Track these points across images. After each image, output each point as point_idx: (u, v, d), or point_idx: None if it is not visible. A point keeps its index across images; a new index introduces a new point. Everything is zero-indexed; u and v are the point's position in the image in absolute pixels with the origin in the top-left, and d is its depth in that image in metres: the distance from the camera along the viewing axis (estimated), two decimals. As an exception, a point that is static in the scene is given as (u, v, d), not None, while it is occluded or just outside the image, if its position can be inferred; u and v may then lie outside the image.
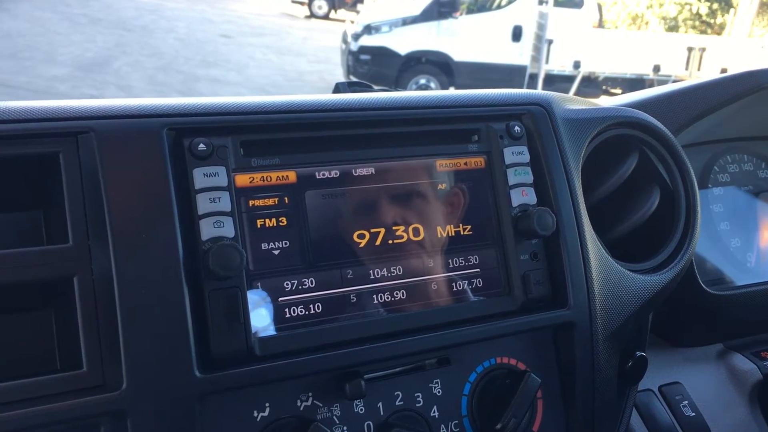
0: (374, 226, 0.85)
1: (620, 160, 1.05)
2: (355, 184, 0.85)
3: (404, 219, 0.87)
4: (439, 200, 0.90)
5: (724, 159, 1.38)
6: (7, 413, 0.65)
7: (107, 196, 0.72)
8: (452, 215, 0.90)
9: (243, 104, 0.82)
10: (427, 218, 0.88)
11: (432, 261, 0.88)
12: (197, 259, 0.75)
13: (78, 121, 0.74)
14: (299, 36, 16.22)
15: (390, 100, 0.90)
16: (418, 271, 0.87)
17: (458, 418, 0.89)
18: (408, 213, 0.87)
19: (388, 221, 0.86)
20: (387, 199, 0.87)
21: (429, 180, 0.89)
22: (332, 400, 0.82)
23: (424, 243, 0.88)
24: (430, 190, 0.89)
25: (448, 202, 0.90)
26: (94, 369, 0.70)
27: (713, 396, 1.24)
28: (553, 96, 1.01)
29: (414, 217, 0.88)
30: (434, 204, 0.89)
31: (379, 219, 0.86)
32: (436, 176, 0.90)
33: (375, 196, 0.86)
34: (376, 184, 0.86)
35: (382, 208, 0.86)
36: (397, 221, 0.86)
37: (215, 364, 0.74)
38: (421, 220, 0.88)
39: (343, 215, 0.84)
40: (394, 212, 0.86)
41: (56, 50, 10.59)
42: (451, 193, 0.91)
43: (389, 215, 0.86)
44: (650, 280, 0.99)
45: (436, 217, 0.89)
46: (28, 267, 0.69)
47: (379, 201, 0.86)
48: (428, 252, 0.88)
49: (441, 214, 0.89)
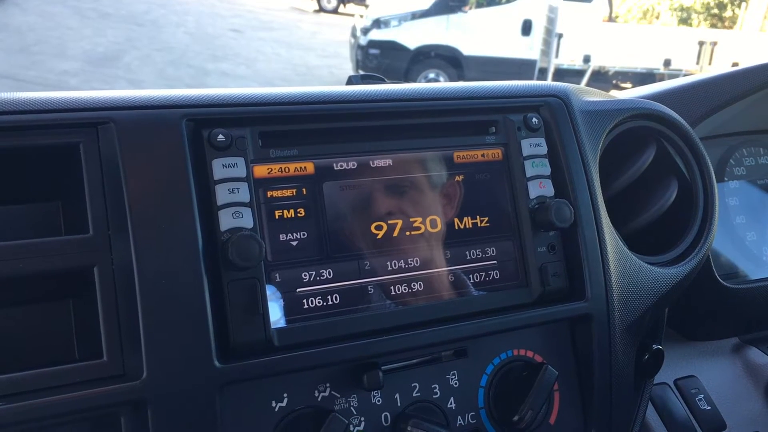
0: (392, 218, 0.85)
1: (638, 152, 1.05)
2: (373, 176, 0.85)
3: (422, 210, 0.87)
4: (457, 192, 0.89)
5: (740, 152, 1.37)
6: (29, 402, 0.65)
7: (127, 187, 0.72)
8: (469, 207, 0.90)
9: (262, 95, 0.82)
10: (444, 210, 0.88)
11: (449, 253, 0.88)
12: (216, 249, 0.75)
13: (98, 112, 0.74)
14: (308, 30, 16.20)
15: (408, 91, 0.90)
16: (436, 262, 0.87)
17: (475, 410, 0.89)
18: (425, 204, 0.87)
19: (406, 212, 0.86)
20: (404, 191, 0.86)
21: (446, 172, 0.89)
22: (350, 390, 0.83)
23: (441, 235, 0.87)
24: (448, 182, 0.89)
25: (465, 193, 0.90)
26: (115, 358, 0.70)
27: (729, 389, 1.23)
28: (570, 88, 1.01)
29: (431, 209, 0.87)
30: (452, 196, 0.89)
31: (396, 210, 0.86)
32: (454, 168, 0.90)
33: (392, 188, 0.86)
34: (394, 176, 0.86)
35: (399, 199, 0.86)
36: (414, 213, 0.86)
37: (234, 355, 0.74)
38: (438, 212, 0.88)
39: (360, 206, 0.84)
40: (411, 203, 0.86)
41: (66, 45, 10.62)
42: (469, 185, 0.90)
43: (407, 206, 0.86)
44: (668, 272, 0.99)
45: (454, 209, 0.89)
46: (49, 257, 0.70)
47: (396, 192, 0.86)
48: (445, 243, 0.88)
49: (458, 205, 0.89)
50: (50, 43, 10.55)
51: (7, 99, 0.72)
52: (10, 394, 0.66)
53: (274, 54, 12.93)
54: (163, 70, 10.27)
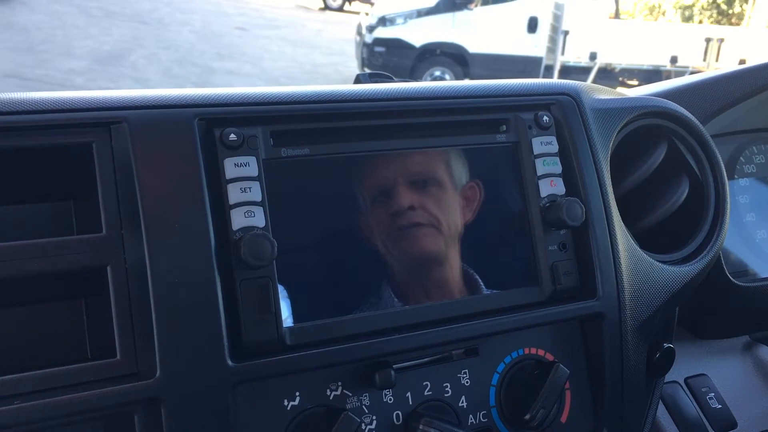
0: (403, 216, 0.85)
1: (649, 150, 1.04)
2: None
3: (435, 209, 0.87)
4: (470, 191, 0.89)
5: (750, 150, 1.36)
6: (43, 401, 0.66)
7: (140, 186, 0.72)
8: (481, 205, 0.90)
9: (273, 94, 0.82)
10: (455, 208, 0.88)
11: (461, 250, 0.88)
12: (228, 248, 0.75)
13: (111, 111, 0.74)
14: (314, 28, 16.21)
15: (418, 90, 0.90)
16: (447, 260, 0.87)
17: (486, 409, 0.89)
18: (436, 202, 0.87)
19: (418, 210, 0.86)
20: (421, 187, 0.86)
21: (457, 170, 0.89)
22: (361, 389, 0.83)
23: (453, 232, 0.87)
24: (459, 180, 0.89)
25: (476, 192, 0.90)
26: (128, 357, 0.71)
27: (739, 388, 1.23)
28: (581, 86, 1.01)
29: (442, 207, 0.87)
30: (466, 196, 0.89)
31: (410, 207, 0.85)
32: (465, 166, 0.89)
33: (408, 184, 0.86)
34: (410, 172, 0.86)
35: (413, 195, 0.86)
36: (427, 211, 0.86)
37: (246, 353, 0.74)
38: (450, 211, 0.88)
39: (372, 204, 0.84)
40: (426, 200, 0.86)
41: (73, 43, 10.65)
42: (480, 183, 0.90)
43: (420, 204, 0.86)
44: (679, 271, 0.99)
45: (465, 208, 0.89)
46: (63, 256, 0.70)
47: (411, 189, 0.86)
48: (457, 241, 0.88)
49: (471, 205, 0.89)
50: (57, 41, 10.58)
51: (19, 99, 0.72)
52: (24, 393, 0.66)
53: (280, 52, 12.94)
54: (169, 68, 10.29)
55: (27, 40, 10.32)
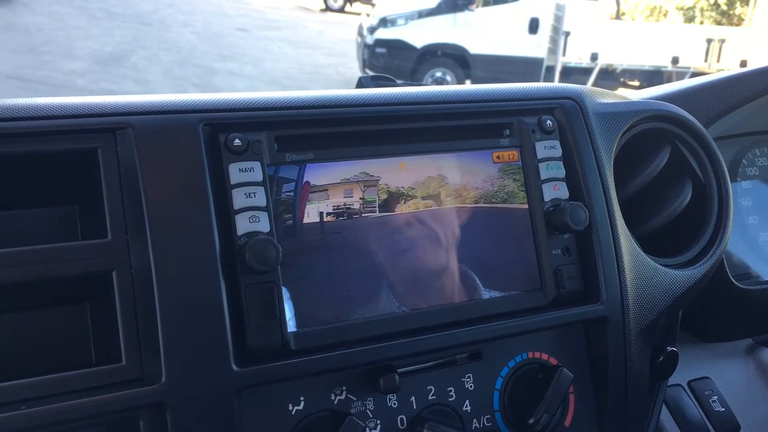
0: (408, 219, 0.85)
1: (652, 154, 1.04)
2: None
3: (439, 214, 0.87)
4: (472, 194, 0.89)
5: (753, 152, 1.36)
6: (48, 406, 0.66)
7: (145, 192, 0.72)
8: (484, 210, 0.90)
9: (278, 99, 0.82)
10: (459, 213, 0.88)
11: (464, 255, 0.88)
12: (233, 253, 0.75)
13: (116, 117, 0.74)
14: (315, 29, 16.21)
15: (422, 94, 0.90)
16: (451, 265, 0.87)
17: (490, 413, 0.89)
18: (433, 215, 0.87)
19: (422, 216, 0.86)
20: (412, 203, 0.86)
21: (461, 174, 0.89)
22: (366, 394, 0.83)
23: (456, 237, 0.87)
24: (463, 184, 0.89)
25: (480, 196, 0.90)
26: (134, 362, 0.71)
27: (743, 391, 1.23)
28: (584, 90, 1.01)
29: (447, 212, 0.87)
30: (467, 198, 0.89)
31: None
32: (468, 170, 0.90)
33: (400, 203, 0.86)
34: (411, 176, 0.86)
35: (406, 213, 0.86)
36: (431, 216, 0.86)
37: (251, 358, 0.75)
38: (454, 215, 0.88)
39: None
40: (418, 216, 0.86)
41: (74, 44, 10.66)
42: (484, 188, 0.90)
43: (415, 220, 0.86)
44: (683, 274, 0.99)
45: (469, 212, 0.89)
46: (68, 262, 0.70)
47: (403, 205, 0.86)
48: (460, 246, 0.88)
49: (473, 208, 0.89)
50: (58, 42, 10.59)
51: (24, 105, 0.72)
52: (29, 398, 0.66)
53: (281, 53, 12.94)
54: (171, 69, 10.29)
55: (28, 42, 10.33)
